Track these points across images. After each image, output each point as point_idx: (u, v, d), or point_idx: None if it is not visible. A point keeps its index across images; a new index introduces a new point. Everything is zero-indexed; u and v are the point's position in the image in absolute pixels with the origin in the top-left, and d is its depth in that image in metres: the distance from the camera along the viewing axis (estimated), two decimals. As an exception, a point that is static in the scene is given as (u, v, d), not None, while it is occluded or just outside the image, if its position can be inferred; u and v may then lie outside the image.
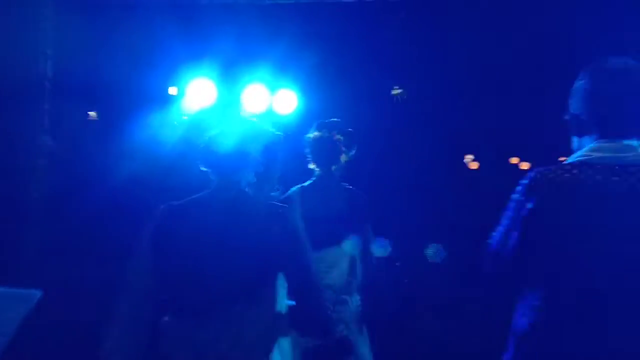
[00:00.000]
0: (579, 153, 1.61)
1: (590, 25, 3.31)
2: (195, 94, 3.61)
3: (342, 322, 2.53)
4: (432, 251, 4.89)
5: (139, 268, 1.65)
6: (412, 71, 4.17)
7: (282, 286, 1.74)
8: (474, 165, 6.25)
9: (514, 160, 6.53)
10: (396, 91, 3.84)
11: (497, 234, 1.70)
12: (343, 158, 2.68)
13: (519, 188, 1.64)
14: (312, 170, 2.70)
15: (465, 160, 6.15)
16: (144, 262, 1.64)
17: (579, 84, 1.65)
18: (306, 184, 2.70)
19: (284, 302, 1.77)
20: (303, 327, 1.77)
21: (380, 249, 2.80)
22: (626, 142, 1.55)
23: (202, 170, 1.71)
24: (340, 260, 2.55)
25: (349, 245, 2.59)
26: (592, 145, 1.58)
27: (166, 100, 3.81)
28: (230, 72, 3.67)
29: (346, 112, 3.16)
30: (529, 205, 1.58)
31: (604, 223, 1.49)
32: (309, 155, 2.69)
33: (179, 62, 3.74)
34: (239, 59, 3.61)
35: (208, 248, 1.60)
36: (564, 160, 1.63)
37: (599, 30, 3.26)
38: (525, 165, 6.48)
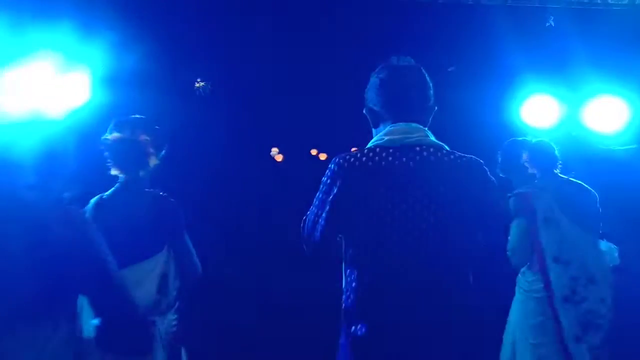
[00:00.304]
0: (375, 138, 1.79)
1: (376, 30, 3.66)
2: None
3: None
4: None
5: None
6: (217, 63, 4.09)
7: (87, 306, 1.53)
8: (279, 158, 6.47)
9: (314, 151, 6.99)
10: (200, 84, 3.74)
11: (308, 217, 1.78)
12: (152, 161, 2.34)
13: (327, 173, 1.73)
14: (116, 176, 2.32)
15: (271, 154, 6.32)
16: None
17: (372, 80, 1.84)
18: (107, 193, 2.34)
19: (90, 322, 1.54)
20: (115, 348, 1.57)
21: None
22: (413, 125, 1.76)
23: None
24: (146, 277, 2.24)
25: (157, 260, 2.28)
26: (385, 129, 1.77)
27: None
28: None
29: (147, 106, 2.88)
30: (335, 189, 1.69)
31: (396, 199, 1.64)
32: (110, 160, 2.30)
33: None
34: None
35: None
36: (355, 150, 1.78)
37: (384, 35, 3.62)
38: (323, 156, 6.98)
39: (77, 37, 2.91)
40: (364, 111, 1.86)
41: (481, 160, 1.74)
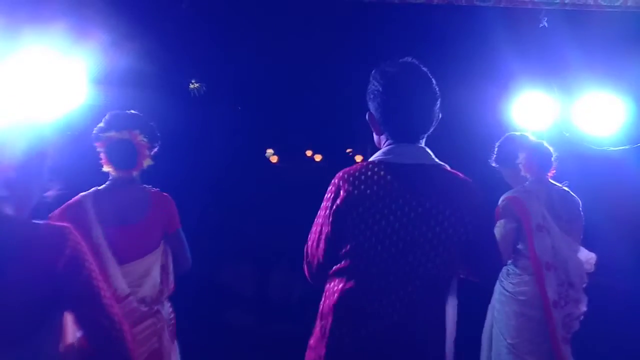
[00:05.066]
0: (378, 153, 1.75)
1: (371, 32, 3.67)
2: None
3: (154, 335, 2.33)
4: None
5: None
6: (211, 64, 4.10)
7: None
8: (274, 159, 6.48)
9: (309, 153, 6.99)
10: (194, 85, 3.75)
11: (311, 236, 1.77)
12: (147, 162, 2.39)
13: (330, 188, 1.72)
14: (106, 172, 2.36)
15: (266, 155, 6.33)
16: None
17: (372, 86, 1.74)
18: (101, 187, 2.37)
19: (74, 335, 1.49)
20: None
21: None
22: (416, 147, 1.73)
23: None
24: (150, 270, 2.33)
25: (157, 253, 2.37)
26: (388, 147, 1.73)
27: None
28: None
29: (141, 105, 2.88)
30: (337, 201, 1.68)
31: (387, 211, 1.64)
32: (104, 158, 2.34)
33: None
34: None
35: None
36: (350, 151, 1.77)
37: (379, 36, 3.63)
38: (318, 158, 7.00)
39: (72, 38, 2.90)
40: (366, 117, 1.79)
41: (474, 184, 1.72)
